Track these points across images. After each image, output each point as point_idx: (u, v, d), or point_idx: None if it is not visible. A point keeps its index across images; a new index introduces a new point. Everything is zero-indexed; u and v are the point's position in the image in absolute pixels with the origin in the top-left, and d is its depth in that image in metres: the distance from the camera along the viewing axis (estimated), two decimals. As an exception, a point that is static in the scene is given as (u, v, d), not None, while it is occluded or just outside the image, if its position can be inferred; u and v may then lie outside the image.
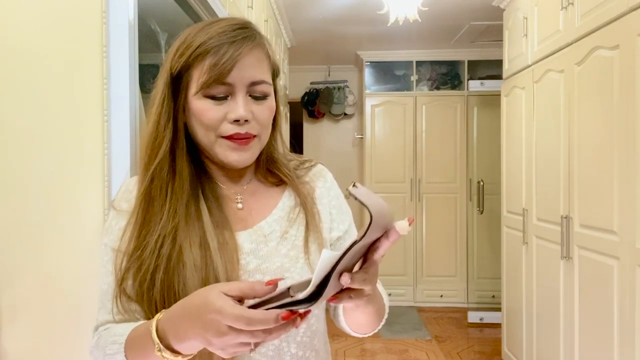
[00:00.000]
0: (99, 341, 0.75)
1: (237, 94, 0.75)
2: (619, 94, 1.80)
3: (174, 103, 0.77)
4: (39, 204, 0.91)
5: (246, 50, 0.74)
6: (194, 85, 0.75)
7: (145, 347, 0.67)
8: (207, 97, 0.74)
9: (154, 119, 0.77)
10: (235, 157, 0.77)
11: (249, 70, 0.75)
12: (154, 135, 0.76)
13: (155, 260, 0.73)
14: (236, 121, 0.75)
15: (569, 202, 2.20)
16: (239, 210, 0.83)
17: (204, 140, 0.77)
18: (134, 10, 1.11)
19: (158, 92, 0.77)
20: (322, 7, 3.38)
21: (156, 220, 0.75)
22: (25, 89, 0.88)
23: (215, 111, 0.75)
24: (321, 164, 0.93)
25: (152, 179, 0.76)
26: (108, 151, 1.06)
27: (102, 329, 0.77)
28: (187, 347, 0.64)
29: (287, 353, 0.79)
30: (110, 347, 0.72)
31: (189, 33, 0.77)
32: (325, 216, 0.87)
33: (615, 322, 1.83)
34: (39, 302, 0.91)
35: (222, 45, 0.73)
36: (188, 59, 0.74)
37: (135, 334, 0.70)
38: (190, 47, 0.74)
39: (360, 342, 3.67)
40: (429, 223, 4.59)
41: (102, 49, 1.06)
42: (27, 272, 0.88)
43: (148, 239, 0.74)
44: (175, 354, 0.64)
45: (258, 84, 0.76)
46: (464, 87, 4.56)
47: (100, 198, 1.05)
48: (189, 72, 0.75)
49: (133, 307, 0.75)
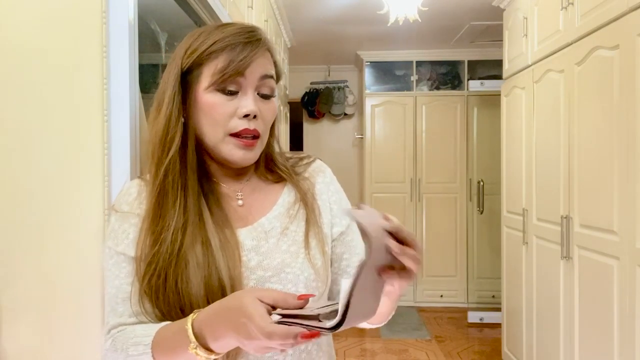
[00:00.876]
0: (115, 343, 0.75)
1: (248, 89, 0.78)
2: (619, 94, 1.80)
3: (183, 98, 0.79)
4: (39, 204, 0.91)
5: (261, 52, 0.79)
6: (206, 79, 0.77)
7: (177, 347, 0.68)
8: (219, 91, 0.77)
9: (165, 114, 0.78)
10: (240, 154, 0.79)
11: (262, 67, 0.79)
12: (165, 130, 0.78)
13: (169, 256, 0.74)
14: (246, 116, 0.77)
15: (569, 202, 2.20)
16: (239, 208, 0.84)
17: (211, 136, 0.79)
18: (134, 10, 1.11)
19: (168, 88, 0.78)
20: (322, 7, 3.38)
21: (171, 215, 0.76)
22: (25, 89, 0.88)
23: (226, 106, 0.77)
24: (319, 160, 0.95)
25: (165, 173, 0.77)
26: (108, 151, 1.06)
27: (114, 331, 0.77)
28: (222, 346, 0.66)
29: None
30: (134, 349, 0.72)
31: (201, 33, 0.79)
32: (326, 211, 0.88)
33: (615, 322, 1.83)
34: (39, 302, 0.91)
35: (238, 44, 0.76)
36: (202, 54, 0.76)
37: (165, 334, 0.71)
38: (204, 44, 0.77)
39: (360, 342, 3.68)
40: (429, 223, 4.59)
41: (102, 49, 1.06)
42: (27, 272, 0.88)
43: (164, 234, 0.75)
44: (209, 352, 0.66)
45: (268, 77, 0.80)
46: (464, 87, 4.56)
47: (100, 198, 1.05)
48: (200, 69, 0.77)
49: (147, 308, 0.76)
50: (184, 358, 0.68)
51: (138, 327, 0.75)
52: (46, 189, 0.92)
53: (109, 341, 0.77)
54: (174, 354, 0.69)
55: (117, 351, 0.74)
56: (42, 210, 0.91)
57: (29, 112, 0.88)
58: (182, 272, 0.73)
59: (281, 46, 3.64)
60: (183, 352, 0.67)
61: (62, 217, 0.97)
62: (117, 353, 0.74)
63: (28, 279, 0.88)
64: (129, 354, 0.72)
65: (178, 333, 0.69)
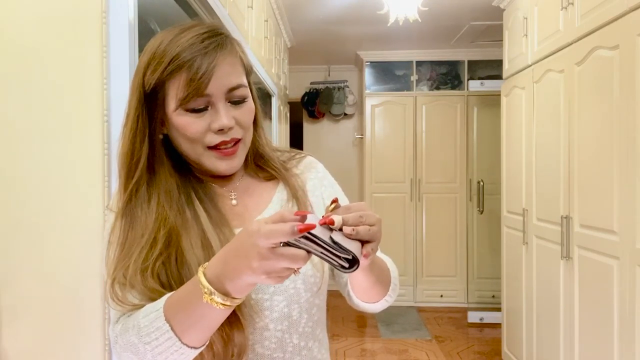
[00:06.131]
0: (125, 325, 0.72)
1: (217, 103, 0.75)
2: (619, 94, 1.80)
3: (150, 119, 0.76)
4: (39, 204, 0.91)
5: (220, 60, 0.74)
6: (172, 101, 0.74)
7: (191, 302, 0.65)
8: (188, 111, 0.74)
9: (128, 136, 0.75)
10: (224, 166, 0.78)
11: (225, 78, 0.75)
12: (129, 153, 0.76)
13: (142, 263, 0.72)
14: (220, 130, 0.75)
15: (569, 202, 2.20)
16: (234, 207, 0.84)
17: (190, 153, 0.77)
18: (134, 10, 1.11)
19: (131, 109, 0.76)
20: (322, 7, 3.38)
21: (142, 232, 0.74)
22: (26, 89, 0.88)
23: (197, 124, 0.74)
24: (310, 156, 0.94)
25: (129, 198, 0.75)
26: (108, 151, 1.06)
27: (123, 317, 0.74)
28: (239, 286, 0.63)
29: (290, 344, 0.80)
30: (146, 319, 0.68)
31: (158, 45, 0.75)
32: (320, 207, 0.87)
33: (615, 322, 1.83)
34: (39, 302, 0.91)
35: (196, 59, 0.72)
36: (162, 74, 0.73)
37: (177, 294, 0.68)
38: (162, 63, 0.73)
39: (360, 342, 3.68)
40: (429, 223, 4.59)
41: (102, 49, 1.06)
42: (27, 272, 0.88)
43: (133, 250, 0.73)
44: (226, 298, 0.63)
45: (236, 89, 0.76)
46: (464, 87, 4.56)
47: (100, 198, 1.05)
48: (164, 89, 0.74)
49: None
50: (200, 315, 0.65)
51: (148, 304, 0.72)
52: (46, 189, 0.92)
53: (119, 326, 0.73)
54: (189, 312, 0.65)
55: (128, 331, 0.70)
56: (42, 210, 0.91)
57: (29, 112, 0.88)
58: (185, 276, 0.73)
59: (281, 46, 3.64)
60: (198, 307, 0.64)
61: (62, 217, 0.97)
62: (129, 333, 0.70)
63: (28, 279, 0.88)
64: (141, 326, 0.68)
65: (191, 286, 0.66)
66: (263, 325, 0.78)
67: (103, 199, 1.05)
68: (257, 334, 0.77)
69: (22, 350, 0.86)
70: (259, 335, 0.78)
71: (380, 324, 4.09)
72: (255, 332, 0.77)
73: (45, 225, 0.92)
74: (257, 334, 0.78)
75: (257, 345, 0.78)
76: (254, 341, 0.78)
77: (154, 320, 0.68)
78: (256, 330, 0.77)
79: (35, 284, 0.90)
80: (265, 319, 0.78)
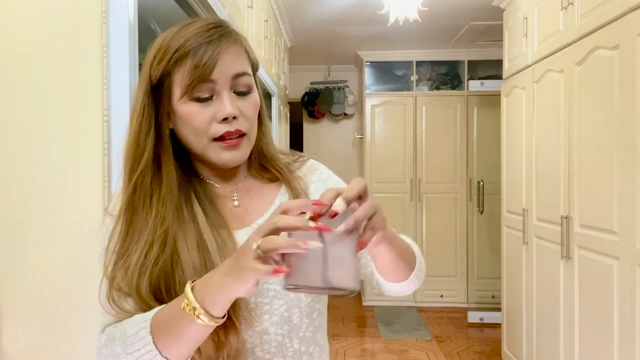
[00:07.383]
0: (113, 333, 0.72)
1: (222, 92, 0.75)
2: (619, 94, 1.80)
3: (156, 111, 0.76)
4: (39, 204, 0.91)
5: (225, 47, 0.74)
6: (177, 90, 0.74)
7: (174, 316, 0.65)
8: (193, 100, 0.74)
9: (134, 128, 0.76)
10: (228, 156, 0.77)
11: (230, 65, 0.75)
12: (135, 145, 0.76)
13: (140, 267, 0.72)
14: (225, 119, 0.75)
15: (569, 202, 2.20)
16: (235, 208, 0.83)
17: (196, 145, 0.77)
18: (134, 10, 1.11)
19: (138, 100, 0.76)
20: (322, 7, 3.38)
21: (141, 229, 0.74)
22: (25, 89, 0.88)
23: (202, 113, 0.75)
24: (313, 159, 0.94)
25: (134, 189, 0.75)
26: (108, 151, 1.06)
27: (110, 327, 0.75)
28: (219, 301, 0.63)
29: (290, 349, 0.79)
30: (133, 329, 0.69)
31: (164, 38, 0.76)
32: None
33: (615, 322, 1.83)
34: (39, 302, 0.91)
35: (201, 46, 0.73)
36: (167, 64, 0.74)
37: (165, 310, 0.68)
38: (168, 52, 0.74)
39: (360, 342, 3.68)
40: (429, 223, 4.59)
41: (102, 49, 1.06)
42: (27, 272, 0.88)
43: (132, 248, 0.73)
44: (210, 317, 0.63)
45: (241, 75, 0.76)
46: (464, 87, 4.56)
47: (100, 198, 1.05)
48: (170, 78, 0.75)
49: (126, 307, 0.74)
50: (180, 330, 0.65)
51: (136, 315, 0.72)
52: (46, 189, 0.92)
53: (104, 337, 0.74)
54: (170, 326, 0.66)
55: (113, 340, 0.71)
56: (42, 210, 0.91)
57: (29, 112, 0.88)
58: (179, 279, 0.72)
59: (281, 46, 3.64)
60: (181, 322, 0.64)
61: (62, 217, 0.97)
62: (114, 342, 0.70)
63: (28, 279, 0.88)
64: (127, 335, 0.69)
65: (174, 305, 0.66)
66: (263, 328, 0.77)
67: (103, 199, 1.05)
68: (256, 338, 0.77)
69: (22, 350, 0.86)
70: (258, 338, 0.77)
71: (380, 324, 4.09)
72: (255, 335, 0.77)
73: (45, 226, 0.92)
74: (257, 337, 0.77)
75: (257, 349, 0.77)
76: (254, 345, 0.77)
77: (139, 331, 0.68)
78: (255, 334, 0.77)
79: (35, 284, 0.90)
80: (265, 322, 0.77)
